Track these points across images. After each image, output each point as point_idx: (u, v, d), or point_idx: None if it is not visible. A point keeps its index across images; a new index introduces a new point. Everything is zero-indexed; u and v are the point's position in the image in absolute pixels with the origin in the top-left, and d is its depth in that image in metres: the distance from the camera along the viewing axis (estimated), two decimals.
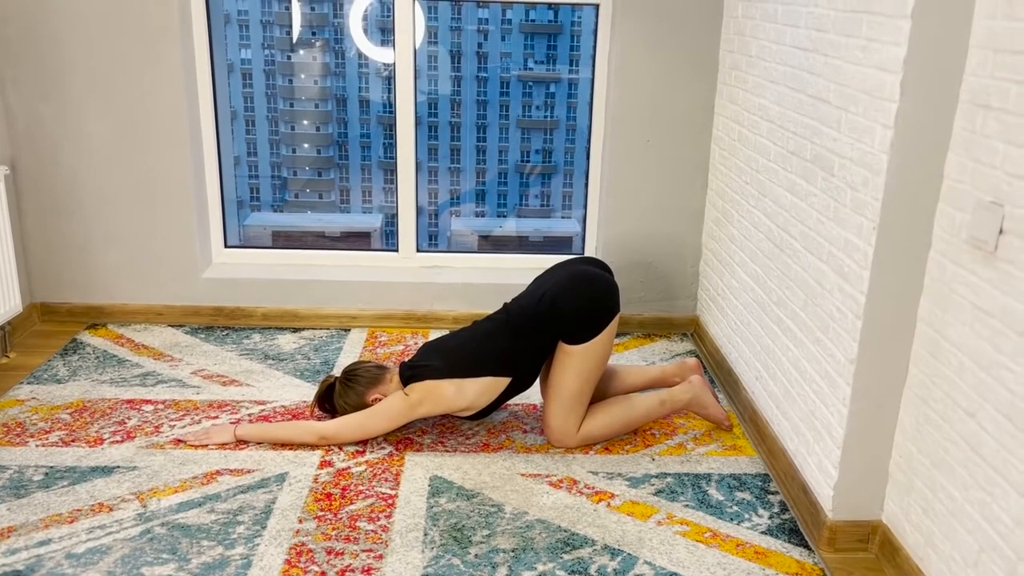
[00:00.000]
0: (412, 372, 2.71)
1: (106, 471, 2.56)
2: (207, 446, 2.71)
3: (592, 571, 2.20)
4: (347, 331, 3.65)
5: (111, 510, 2.38)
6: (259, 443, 2.73)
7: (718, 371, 3.34)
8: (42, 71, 3.34)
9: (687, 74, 3.44)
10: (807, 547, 2.34)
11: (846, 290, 2.22)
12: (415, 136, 3.69)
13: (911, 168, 2.02)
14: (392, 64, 3.59)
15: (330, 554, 2.23)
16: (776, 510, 2.49)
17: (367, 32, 4.59)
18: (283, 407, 2.99)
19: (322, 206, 5.77)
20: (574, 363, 2.68)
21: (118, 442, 2.72)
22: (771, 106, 2.80)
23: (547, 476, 2.62)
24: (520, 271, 3.64)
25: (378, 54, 4.84)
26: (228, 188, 3.78)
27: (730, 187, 3.25)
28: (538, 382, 2.93)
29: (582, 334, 2.66)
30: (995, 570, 1.81)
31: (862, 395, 2.20)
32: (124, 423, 2.84)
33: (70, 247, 3.56)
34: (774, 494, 2.57)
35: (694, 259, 3.68)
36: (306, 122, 5.67)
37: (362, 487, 2.53)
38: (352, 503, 2.45)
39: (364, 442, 2.76)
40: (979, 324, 1.88)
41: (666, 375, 3.07)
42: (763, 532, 2.39)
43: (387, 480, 2.57)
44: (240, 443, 2.73)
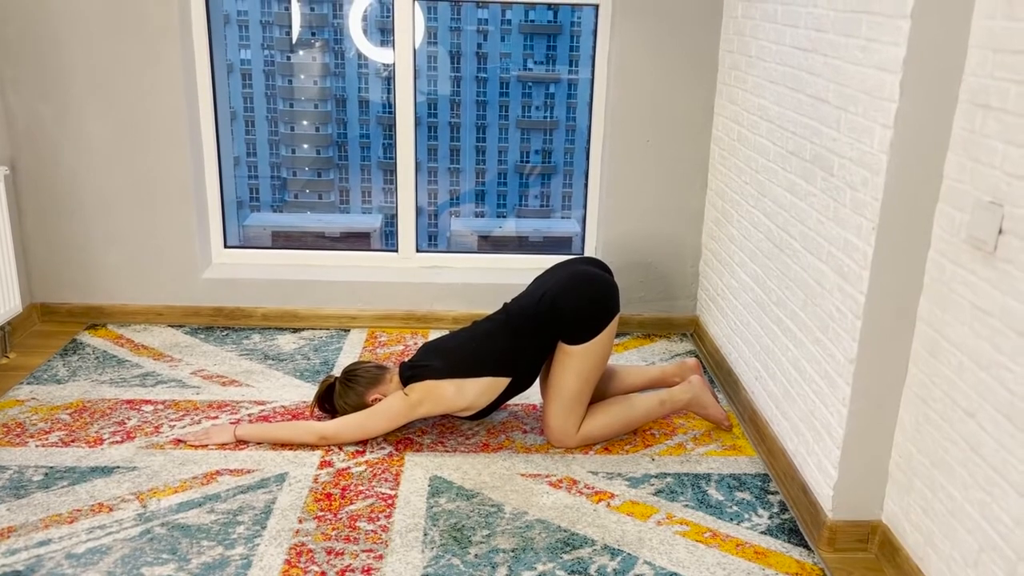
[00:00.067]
0: (412, 372, 2.71)
1: (106, 471, 2.57)
2: (207, 446, 2.71)
3: (592, 571, 2.20)
4: (347, 331, 3.65)
5: (111, 510, 2.38)
6: (259, 443, 2.73)
7: (718, 371, 3.34)
8: (42, 71, 3.34)
9: (687, 74, 3.45)
10: (807, 547, 2.34)
11: (846, 290, 2.22)
12: (415, 136, 3.69)
13: (911, 168, 2.02)
14: (392, 64, 3.59)
15: (330, 554, 2.23)
16: (776, 510, 2.49)
17: (367, 32, 4.59)
18: (283, 407, 2.99)
19: (322, 206, 5.77)
20: (574, 363, 2.68)
21: (118, 442, 2.72)
22: (771, 106, 2.81)
23: (547, 476, 2.62)
24: (520, 271, 3.64)
25: (378, 54, 4.84)
26: (228, 188, 3.78)
27: (730, 187, 3.25)
28: (538, 382, 2.93)
29: (582, 334, 2.66)
30: (995, 570, 1.81)
31: (862, 395, 2.20)
32: (124, 423, 2.84)
33: (70, 247, 3.56)
34: (774, 494, 2.57)
35: (694, 259, 3.68)
36: (306, 122, 5.67)
37: (362, 487, 2.53)
38: (352, 503, 2.45)
39: (364, 442, 2.76)
40: (978, 324, 1.88)
41: (666, 375, 3.07)
42: (763, 532, 2.39)
43: (387, 480, 2.57)
44: (240, 443, 2.73)
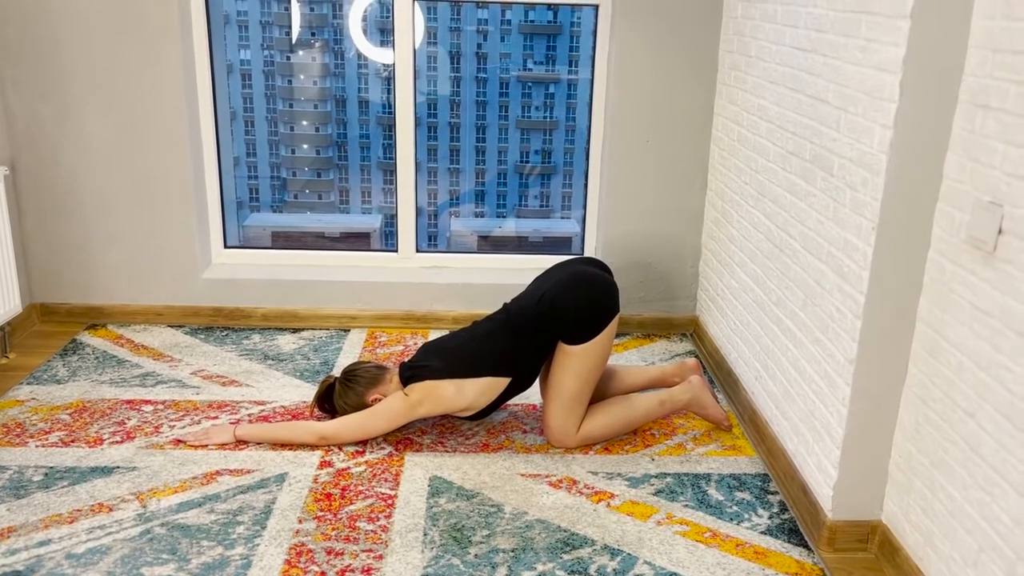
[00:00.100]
0: (412, 372, 2.71)
1: (106, 471, 2.57)
2: (207, 446, 2.71)
3: (592, 571, 2.20)
4: (347, 331, 3.65)
5: (111, 510, 2.38)
6: (259, 443, 2.73)
7: (717, 371, 3.34)
8: (42, 71, 3.34)
9: (686, 74, 3.45)
10: (807, 547, 2.34)
11: (845, 290, 2.22)
12: (414, 137, 3.69)
13: (910, 168, 2.02)
14: (391, 65, 3.59)
15: (330, 554, 2.23)
16: (776, 510, 2.49)
17: (366, 33, 4.60)
18: (283, 407, 2.99)
19: (321, 207, 5.77)
20: (574, 363, 2.68)
21: (118, 442, 2.73)
22: (770, 106, 2.81)
23: (547, 476, 2.62)
24: (519, 271, 3.64)
25: (377, 55, 4.84)
26: (228, 189, 3.78)
27: (729, 187, 3.25)
28: (538, 382, 2.93)
29: (582, 334, 2.66)
30: (994, 570, 1.81)
31: (861, 395, 2.20)
32: (124, 423, 2.84)
33: (70, 247, 3.56)
34: (774, 494, 2.57)
35: (693, 259, 3.68)
36: (305, 123, 5.67)
37: (362, 487, 2.53)
38: (352, 503, 2.45)
39: (364, 442, 2.76)
40: (978, 324, 1.88)
41: (665, 375, 3.07)
42: (763, 532, 2.39)
43: (387, 480, 2.57)
44: (240, 443, 2.73)
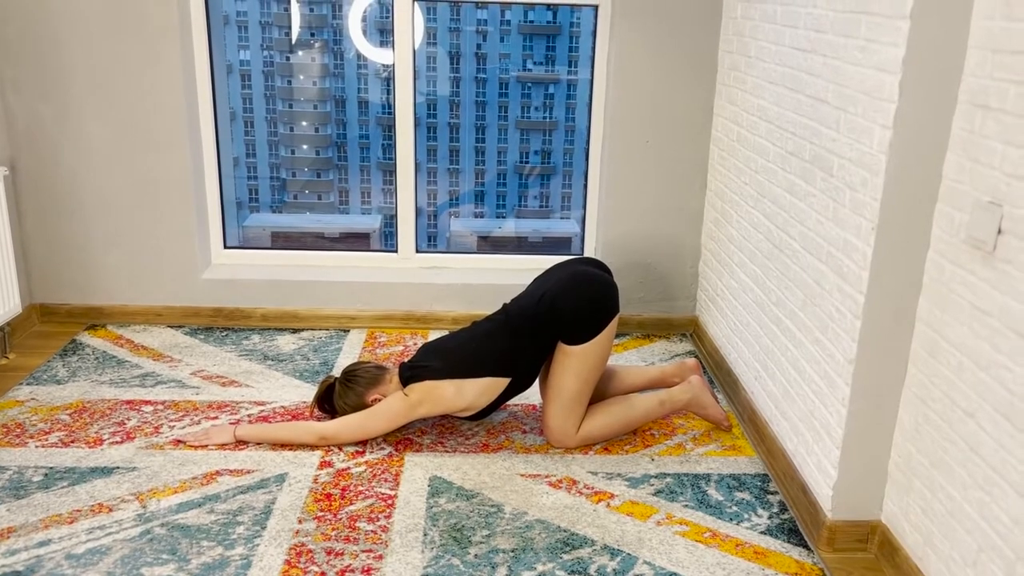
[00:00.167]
0: (412, 373, 2.71)
1: (106, 472, 2.57)
2: (207, 447, 2.71)
3: (592, 571, 2.20)
4: (346, 332, 3.65)
5: (111, 511, 2.38)
6: (259, 444, 2.73)
7: (717, 371, 3.34)
8: (42, 71, 3.34)
9: (686, 75, 3.45)
10: (806, 547, 2.34)
11: (845, 290, 2.22)
12: (414, 137, 3.69)
13: (910, 168, 2.02)
14: (391, 65, 3.59)
15: (330, 554, 2.24)
16: (775, 510, 2.49)
17: (366, 33, 4.60)
18: (283, 408, 2.99)
19: (321, 207, 5.77)
20: (573, 363, 2.68)
21: (118, 443, 2.73)
22: (770, 107, 2.81)
23: (547, 476, 2.63)
24: (519, 272, 3.64)
25: (377, 55, 4.84)
26: (227, 189, 3.78)
27: (729, 188, 3.25)
28: (537, 382, 2.93)
29: (581, 334, 2.66)
30: (994, 569, 1.81)
31: (861, 395, 2.20)
32: (124, 424, 2.84)
33: (70, 248, 3.56)
34: (773, 494, 2.57)
35: (693, 260, 3.68)
36: (305, 123, 5.67)
37: (362, 487, 2.53)
38: (352, 503, 2.45)
39: (364, 443, 2.76)
40: (978, 324, 1.88)
41: (665, 375, 3.08)
42: (762, 532, 2.39)
43: (387, 480, 2.57)
44: (240, 444, 2.73)
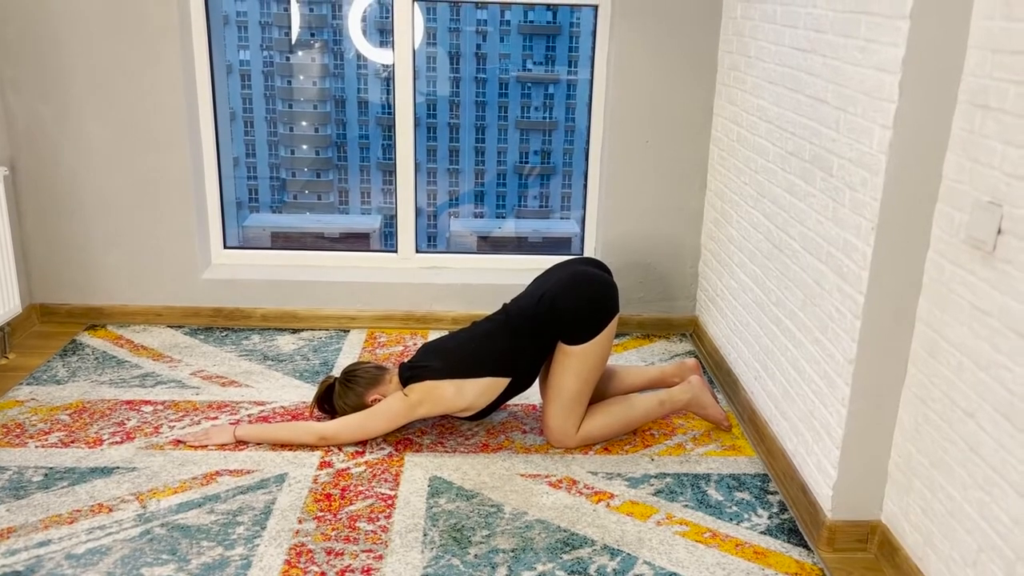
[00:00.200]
0: (412, 373, 2.71)
1: (106, 472, 2.57)
2: (207, 447, 2.71)
3: (592, 571, 2.20)
4: (346, 332, 3.65)
5: (111, 511, 2.38)
6: (259, 444, 2.73)
7: (717, 371, 3.34)
8: (42, 71, 3.34)
9: (686, 75, 3.45)
10: (806, 547, 2.34)
11: (845, 290, 2.22)
12: (414, 137, 3.69)
13: (910, 168, 2.02)
14: (391, 65, 3.59)
15: (330, 554, 2.24)
16: (775, 510, 2.49)
17: (366, 33, 4.60)
18: (283, 408, 2.99)
19: (321, 207, 5.77)
20: (573, 363, 2.68)
21: (118, 443, 2.72)
22: (770, 107, 2.81)
23: (546, 476, 2.63)
24: (519, 272, 3.64)
25: (377, 55, 4.84)
26: (227, 189, 3.78)
27: (729, 188, 3.25)
28: (537, 382, 2.93)
29: (581, 334, 2.66)
30: (994, 569, 1.81)
31: (861, 395, 2.20)
32: (123, 424, 2.84)
33: (70, 248, 3.56)
34: (773, 494, 2.57)
35: (693, 260, 3.68)
36: (305, 123, 5.67)
37: (362, 487, 2.53)
38: (352, 503, 2.45)
39: (364, 443, 2.76)
40: (977, 324, 1.88)
41: (665, 375, 3.08)
42: (762, 532, 2.39)
43: (387, 480, 2.57)
44: (240, 444, 2.73)
